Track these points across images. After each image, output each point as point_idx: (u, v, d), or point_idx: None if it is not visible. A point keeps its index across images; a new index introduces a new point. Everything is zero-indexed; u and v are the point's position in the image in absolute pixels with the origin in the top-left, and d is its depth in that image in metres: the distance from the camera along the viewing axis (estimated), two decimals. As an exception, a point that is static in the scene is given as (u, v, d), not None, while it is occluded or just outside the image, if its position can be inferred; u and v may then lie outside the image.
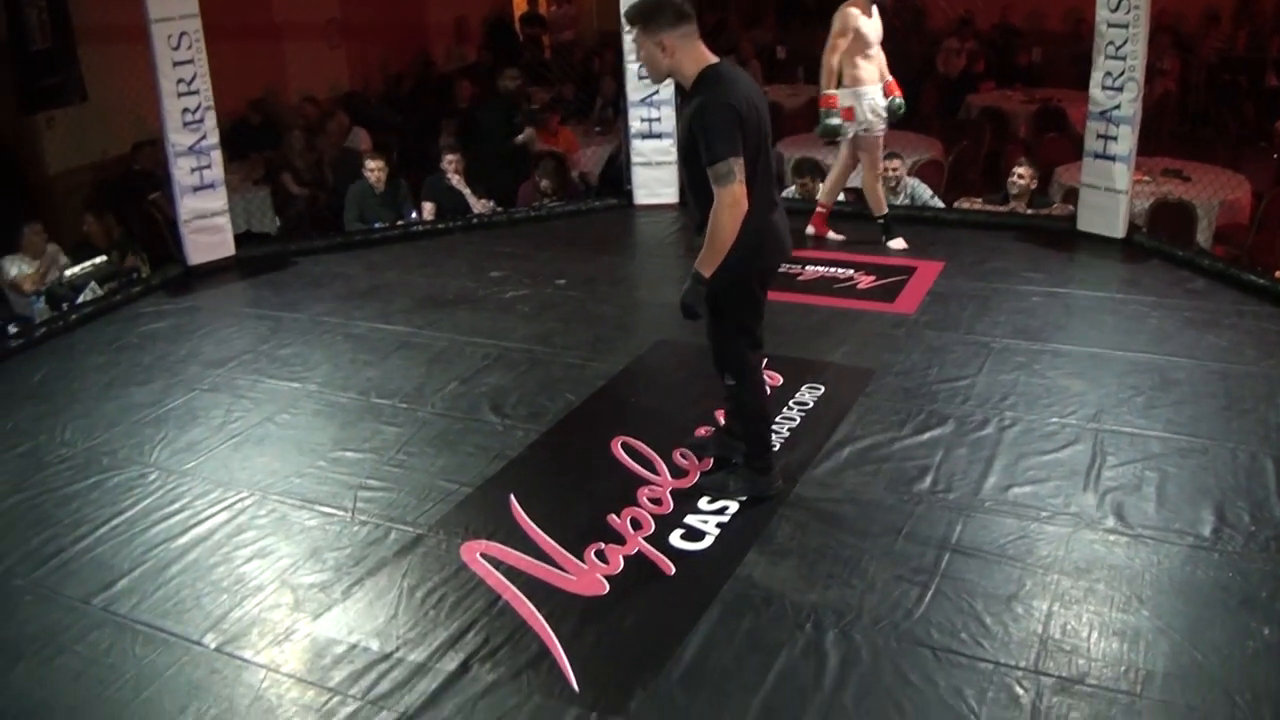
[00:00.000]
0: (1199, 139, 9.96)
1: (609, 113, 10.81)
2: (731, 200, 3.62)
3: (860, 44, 6.51)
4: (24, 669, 3.42)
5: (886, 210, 6.94)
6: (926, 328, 5.68)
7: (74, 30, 9.07)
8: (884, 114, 6.62)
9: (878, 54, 6.62)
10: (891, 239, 6.89)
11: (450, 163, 8.16)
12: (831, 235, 7.06)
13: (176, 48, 6.78)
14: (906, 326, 5.71)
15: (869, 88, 6.57)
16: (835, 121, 6.61)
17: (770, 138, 3.93)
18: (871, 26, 6.54)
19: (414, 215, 8.02)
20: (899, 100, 6.65)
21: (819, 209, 7.07)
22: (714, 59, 3.80)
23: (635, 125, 8.05)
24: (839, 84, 6.57)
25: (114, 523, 4.22)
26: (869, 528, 3.92)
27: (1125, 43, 6.49)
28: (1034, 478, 4.20)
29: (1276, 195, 7.69)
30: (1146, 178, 7.48)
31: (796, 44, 13.36)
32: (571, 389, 5.17)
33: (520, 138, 8.97)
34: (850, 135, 6.67)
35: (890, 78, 6.65)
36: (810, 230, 7.04)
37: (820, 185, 7.24)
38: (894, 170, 7.49)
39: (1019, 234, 7.09)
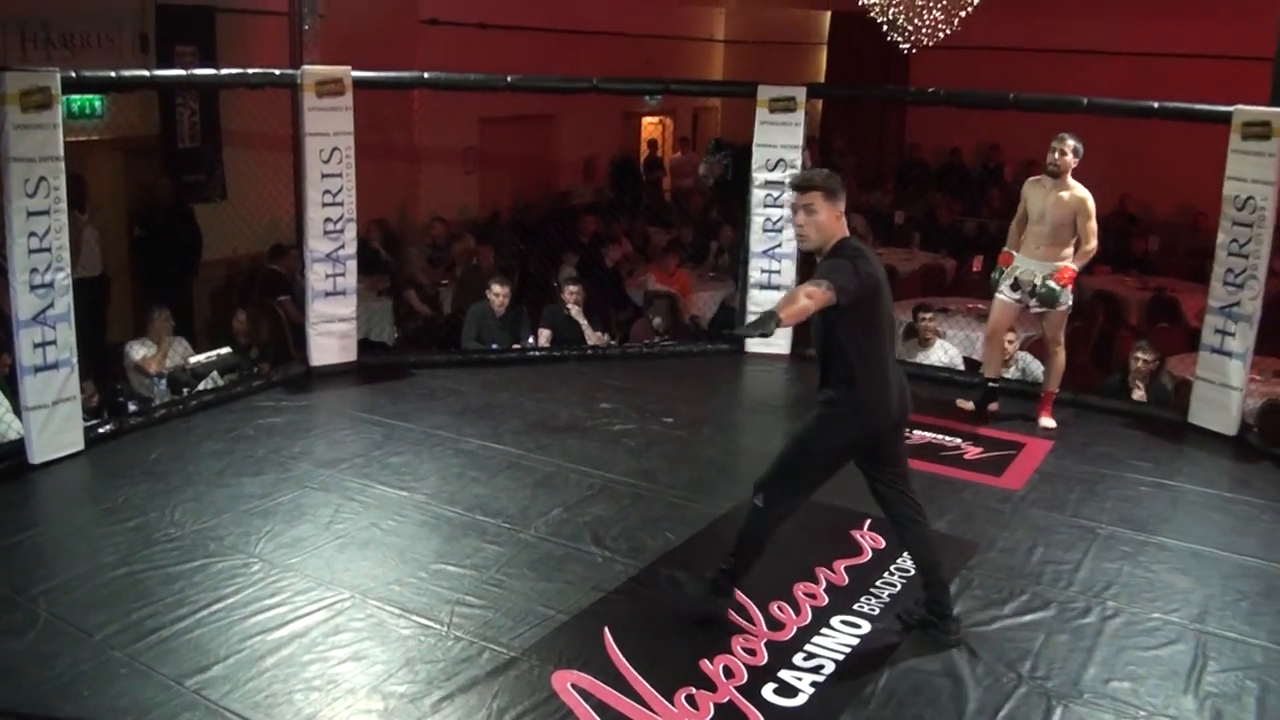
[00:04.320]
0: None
1: (724, 259, 11.04)
2: (813, 290, 3.82)
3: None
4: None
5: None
6: (1033, 506, 5.64)
7: (221, 133, 9.61)
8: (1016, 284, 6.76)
9: (1042, 231, 6.62)
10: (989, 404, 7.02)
11: (571, 294, 8.38)
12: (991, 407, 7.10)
13: (327, 161, 7.16)
14: (1013, 503, 5.68)
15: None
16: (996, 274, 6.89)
17: (891, 310, 4.16)
18: (1036, 202, 6.64)
19: (530, 340, 8.23)
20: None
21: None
22: (848, 232, 4.11)
23: (755, 275, 8.21)
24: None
25: (214, 608, 4.34)
26: (964, 706, 3.87)
27: (1249, 241, 6.51)
28: (1134, 674, 4.12)
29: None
30: (1259, 377, 7.40)
31: (913, 209, 13.57)
32: (672, 528, 5.22)
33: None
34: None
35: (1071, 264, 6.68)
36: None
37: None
38: (1010, 343, 7.54)
39: (1129, 420, 7.04)
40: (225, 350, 7.46)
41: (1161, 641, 4.35)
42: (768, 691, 3.91)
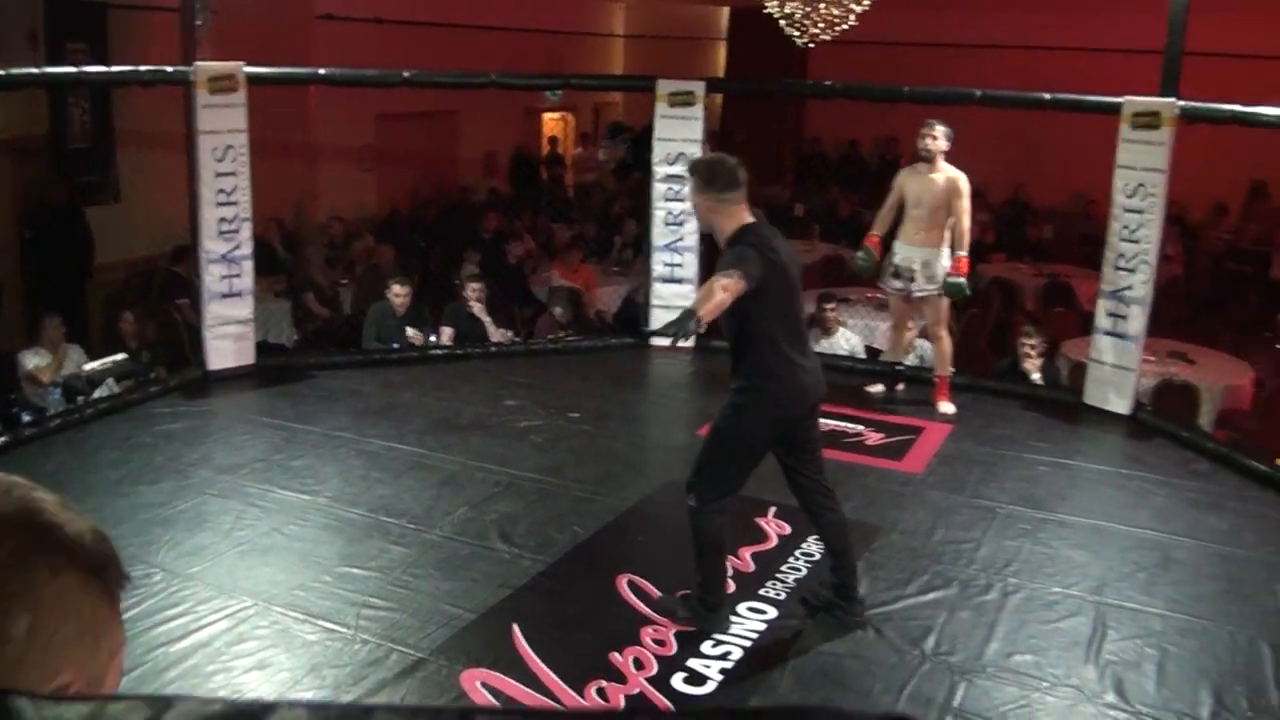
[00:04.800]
0: (1203, 324, 10.18)
1: (628, 254, 11.06)
2: (729, 281, 3.78)
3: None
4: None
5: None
6: (933, 488, 5.74)
7: (114, 132, 9.36)
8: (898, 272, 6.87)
9: (920, 216, 6.73)
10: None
11: (473, 291, 8.32)
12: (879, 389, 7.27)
13: (221, 160, 7.00)
14: (914, 485, 5.78)
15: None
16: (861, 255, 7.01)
17: (800, 295, 4.11)
18: (914, 188, 6.77)
19: (433, 339, 8.15)
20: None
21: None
22: (751, 219, 4.06)
23: (658, 269, 8.23)
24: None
25: (116, 621, 4.21)
26: (871, 685, 3.92)
27: (1140, 227, 6.70)
28: (1036, 646, 4.21)
29: (1280, 385, 7.84)
30: (1152, 358, 7.62)
31: (813, 202, 13.72)
32: (580, 522, 5.21)
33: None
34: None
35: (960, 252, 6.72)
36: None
37: None
38: (910, 330, 7.67)
39: (1026, 403, 7.19)
40: (121, 356, 7.26)
41: (1062, 614, 4.46)
42: (677, 681, 3.92)
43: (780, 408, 4.08)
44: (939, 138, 6.64)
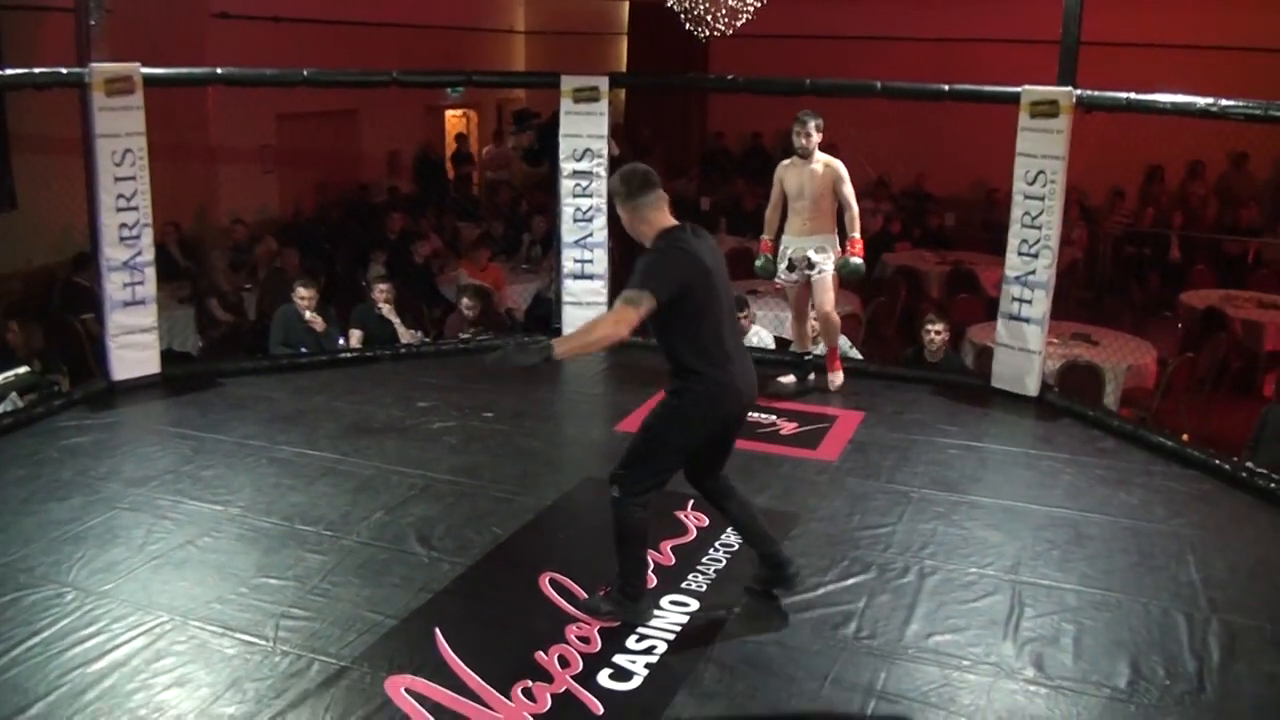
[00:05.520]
0: (1105, 306, 10.46)
1: (536, 251, 11.02)
2: (622, 319, 3.86)
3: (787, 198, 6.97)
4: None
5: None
6: (848, 475, 5.81)
7: (8, 138, 9.07)
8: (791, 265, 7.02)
9: (804, 207, 6.91)
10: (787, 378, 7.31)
11: (381, 292, 8.23)
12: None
13: (120, 164, 6.81)
14: (829, 474, 5.84)
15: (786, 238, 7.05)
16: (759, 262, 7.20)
17: (728, 292, 4.18)
18: (793, 181, 6.91)
19: (341, 342, 8.03)
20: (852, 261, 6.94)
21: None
22: (673, 223, 4.09)
23: (568, 265, 8.21)
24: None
25: (29, 643, 4.09)
26: (796, 672, 3.96)
27: (1041, 213, 6.84)
28: (955, 626, 4.30)
29: (1181, 363, 8.07)
30: (1056, 340, 7.81)
31: (718, 195, 13.78)
32: (499, 523, 5.18)
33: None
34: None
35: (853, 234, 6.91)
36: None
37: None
38: (813, 319, 7.76)
39: (934, 388, 7.31)
40: (23, 369, 7.00)
41: (979, 594, 4.55)
42: (603, 677, 3.92)
43: (713, 408, 4.10)
44: (813, 133, 6.79)
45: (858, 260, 6.90)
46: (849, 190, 6.82)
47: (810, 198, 6.85)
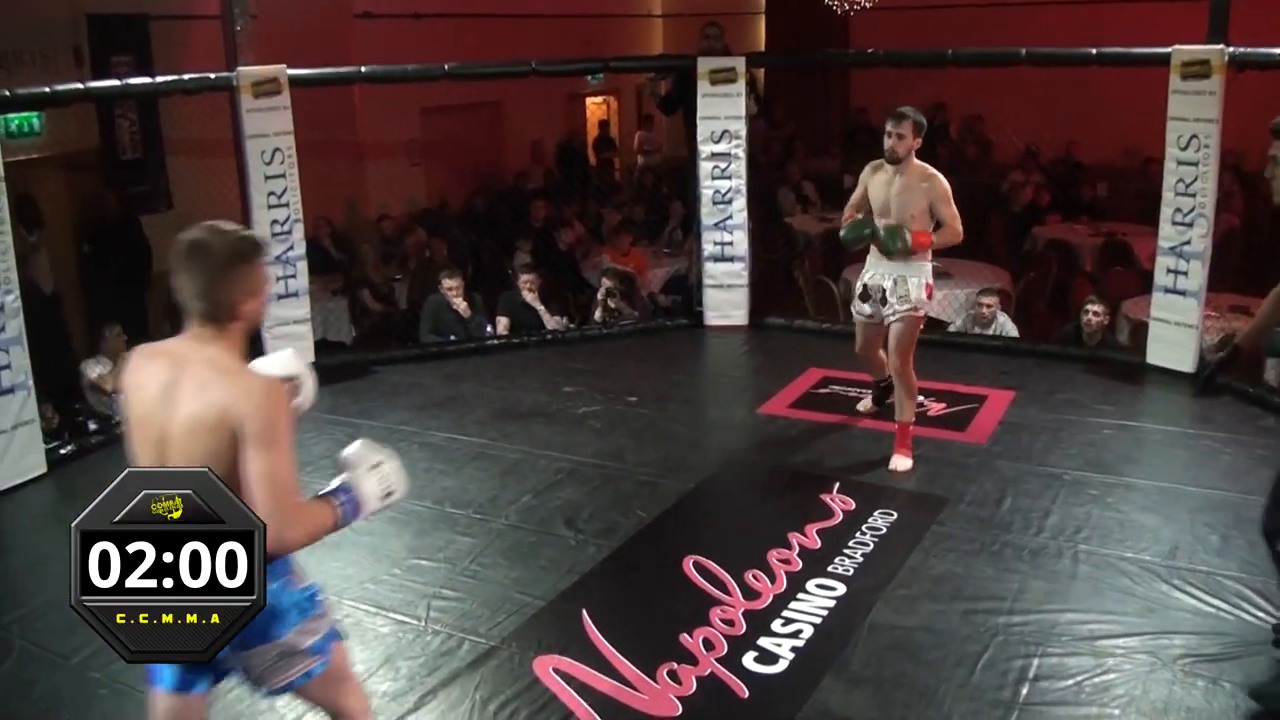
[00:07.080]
0: (1264, 276, 9.95)
1: (678, 234, 11.02)
2: None
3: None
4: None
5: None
6: (999, 458, 5.68)
7: (163, 142, 9.49)
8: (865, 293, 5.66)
9: (888, 221, 5.46)
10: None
11: (526, 281, 8.35)
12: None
13: (269, 162, 7.08)
14: (979, 456, 5.71)
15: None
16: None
17: None
18: (878, 190, 5.53)
19: (488, 330, 8.19)
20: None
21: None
22: None
23: (708, 249, 8.19)
24: None
25: (194, 622, 4.29)
26: (945, 658, 3.90)
27: (1195, 180, 6.57)
28: (1109, 613, 4.17)
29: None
30: (1214, 313, 7.48)
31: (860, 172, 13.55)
32: (643, 506, 5.22)
33: None
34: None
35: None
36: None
37: None
38: (989, 306, 7.58)
39: (1089, 365, 7.09)
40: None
41: (1134, 580, 4.40)
42: (748, 660, 3.92)
43: None
44: (906, 135, 5.31)
45: (898, 231, 5.35)
46: (951, 212, 5.34)
47: (896, 215, 5.40)
